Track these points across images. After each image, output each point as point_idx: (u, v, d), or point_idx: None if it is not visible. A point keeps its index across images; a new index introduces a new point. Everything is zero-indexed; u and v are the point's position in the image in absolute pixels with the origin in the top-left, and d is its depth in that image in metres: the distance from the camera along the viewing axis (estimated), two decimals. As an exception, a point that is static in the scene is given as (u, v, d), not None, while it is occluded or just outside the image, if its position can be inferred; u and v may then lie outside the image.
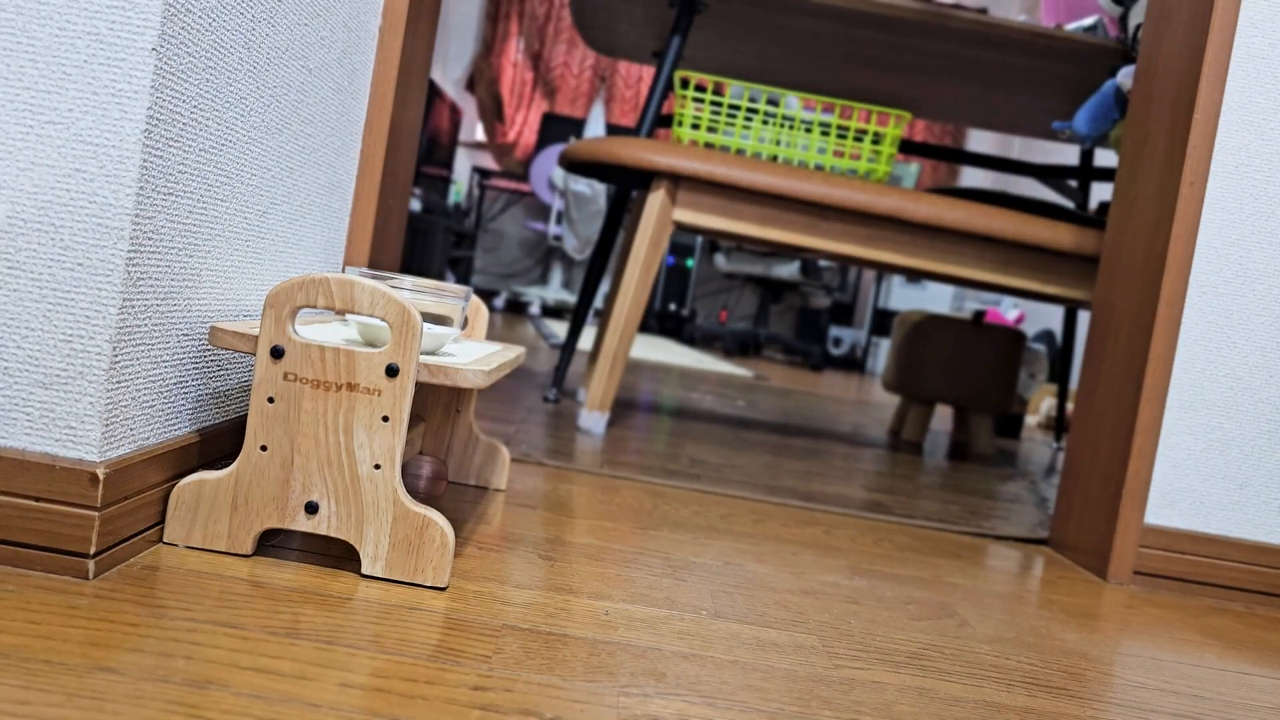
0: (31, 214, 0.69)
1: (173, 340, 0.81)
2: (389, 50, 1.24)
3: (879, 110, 1.81)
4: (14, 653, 0.58)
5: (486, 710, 0.61)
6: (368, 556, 0.81)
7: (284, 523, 0.80)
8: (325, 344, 0.80)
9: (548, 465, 1.37)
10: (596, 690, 0.66)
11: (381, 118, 1.25)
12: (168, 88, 0.73)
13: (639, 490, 1.32)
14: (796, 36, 2.03)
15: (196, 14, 0.75)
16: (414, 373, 0.80)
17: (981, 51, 1.94)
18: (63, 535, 0.70)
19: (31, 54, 0.69)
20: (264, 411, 0.80)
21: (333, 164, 1.15)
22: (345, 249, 1.25)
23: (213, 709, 0.55)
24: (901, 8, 1.78)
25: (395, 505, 0.80)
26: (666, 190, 1.62)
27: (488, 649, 0.70)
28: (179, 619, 0.66)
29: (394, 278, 0.90)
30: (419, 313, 0.80)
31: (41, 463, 0.70)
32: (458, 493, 1.13)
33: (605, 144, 1.66)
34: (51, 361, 0.70)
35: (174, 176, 0.76)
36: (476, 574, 0.86)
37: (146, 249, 0.74)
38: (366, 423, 0.80)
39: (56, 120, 0.69)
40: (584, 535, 1.05)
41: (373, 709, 0.58)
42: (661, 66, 1.91)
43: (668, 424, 2.02)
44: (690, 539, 1.11)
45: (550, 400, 1.99)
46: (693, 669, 0.73)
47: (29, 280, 0.70)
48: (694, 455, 1.66)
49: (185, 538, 0.80)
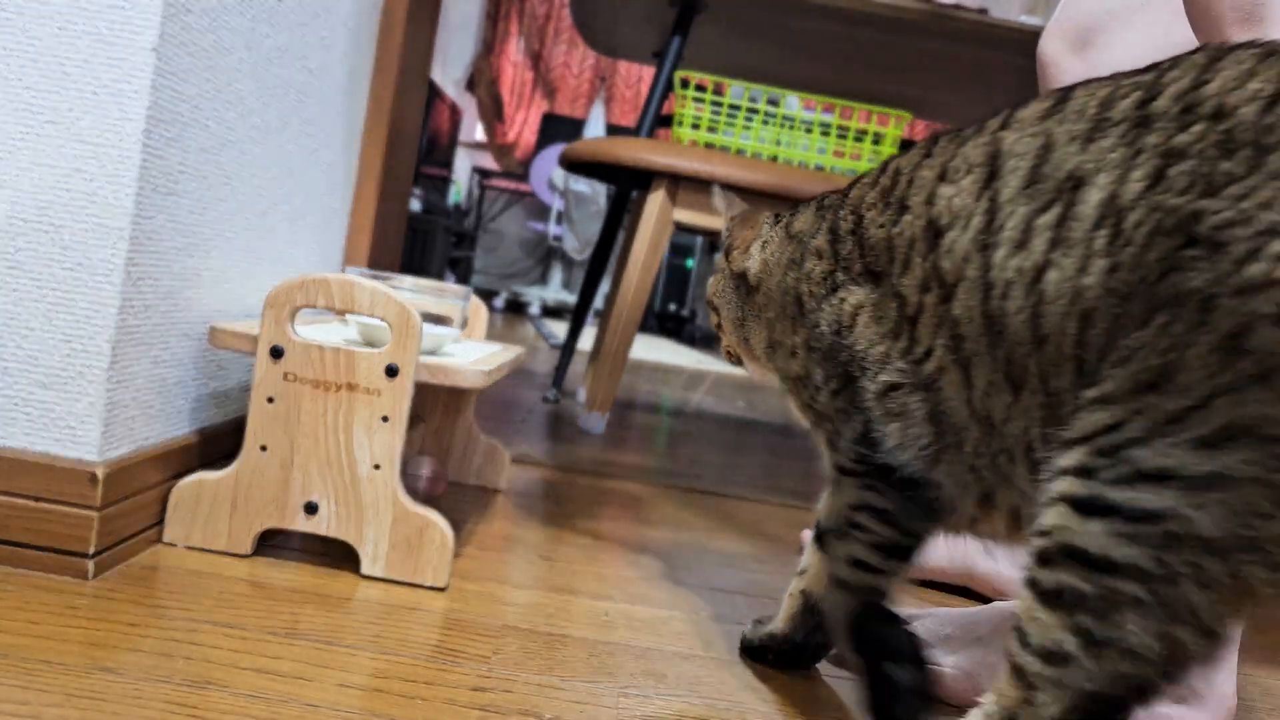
0: (31, 214, 0.69)
1: (172, 340, 0.81)
2: (389, 50, 1.24)
3: (879, 110, 1.81)
4: (13, 652, 0.58)
5: (486, 711, 0.61)
6: (367, 557, 0.81)
7: (283, 523, 0.80)
8: (325, 344, 0.80)
9: (547, 465, 1.37)
10: (596, 691, 0.66)
11: (381, 118, 1.25)
12: (168, 87, 0.73)
13: (639, 491, 1.32)
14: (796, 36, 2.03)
15: (196, 14, 0.75)
16: (413, 373, 0.80)
17: (981, 51, 1.94)
18: (62, 535, 0.70)
19: (32, 54, 0.69)
20: (264, 411, 0.80)
21: (332, 164, 1.15)
22: (345, 249, 1.25)
23: (212, 709, 0.55)
24: (901, 8, 1.78)
25: (395, 505, 0.80)
26: (666, 190, 1.62)
27: (487, 649, 0.70)
28: (178, 619, 0.66)
29: (394, 278, 0.89)
30: (419, 313, 0.80)
31: (41, 463, 0.70)
32: (458, 493, 1.13)
33: (605, 144, 1.66)
34: (51, 361, 0.70)
35: (174, 176, 0.76)
36: (476, 574, 0.86)
37: (146, 249, 0.73)
38: (366, 423, 0.79)
39: (56, 120, 0.69)
40: (584, 536, 1.05)
41: (372, 709, 0.58)
42: (661, 66, 1.91)
43: (667, 424, 2.02)
44: (690, 540, 1.11)
45: (550, 401, 1.99)
46: (693, 670, 0.73)
47: (29, 280, 0.70)
48: (694, 455, 1.66)
49: (185, 538, 0.80)
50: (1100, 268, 0.46)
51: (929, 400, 0.57)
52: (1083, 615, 0.44)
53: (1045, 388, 0.49)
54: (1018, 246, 0.50)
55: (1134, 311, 0.44)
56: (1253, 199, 0.41)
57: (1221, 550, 0.41)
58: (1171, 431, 0.42)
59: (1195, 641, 0.42)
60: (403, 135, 1.35)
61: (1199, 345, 0.41)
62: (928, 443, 0.58)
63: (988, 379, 0.52)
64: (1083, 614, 0.44)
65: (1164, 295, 0.43)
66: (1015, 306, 0.50)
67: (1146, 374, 0.43)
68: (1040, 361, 0.49)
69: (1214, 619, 0.42)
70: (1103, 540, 0.43)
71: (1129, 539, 0.42)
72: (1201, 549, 0.41)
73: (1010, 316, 0.50)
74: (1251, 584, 0.41)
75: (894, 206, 0.60)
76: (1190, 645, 0.42)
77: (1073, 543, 0.44)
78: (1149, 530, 0.42)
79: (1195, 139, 0.44)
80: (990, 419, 0.53)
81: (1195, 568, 0.41)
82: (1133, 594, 0.42)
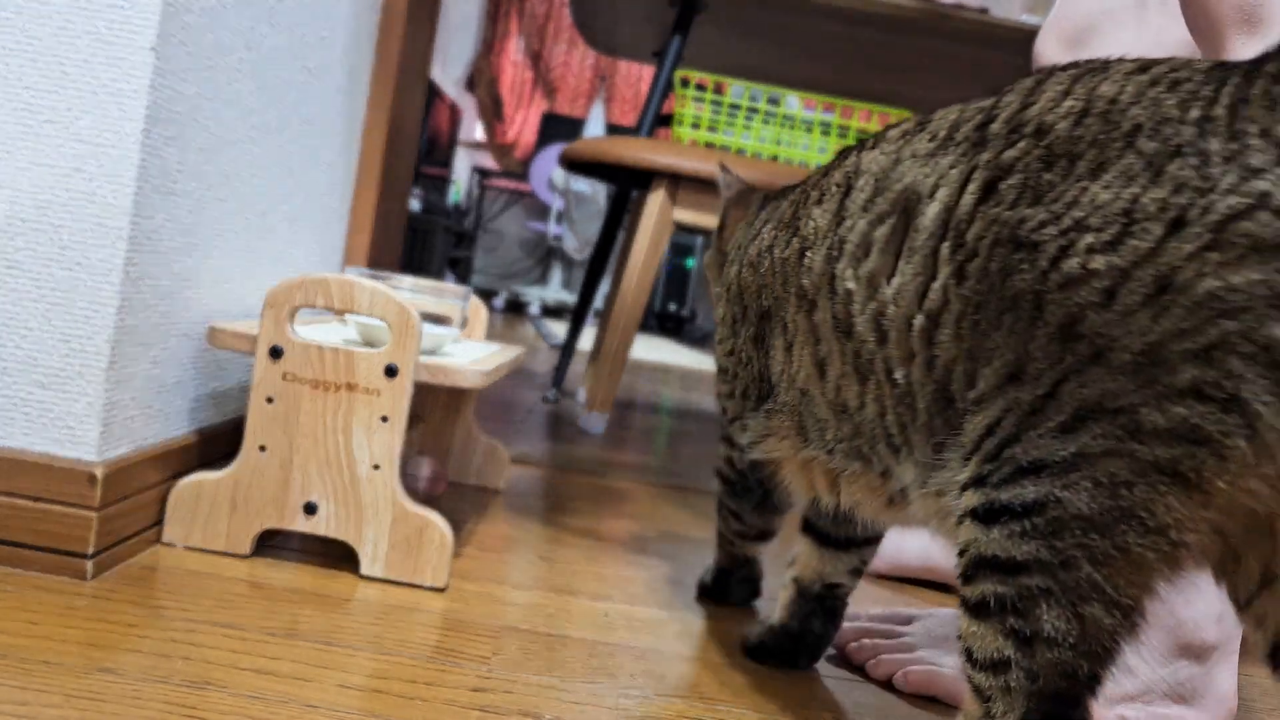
0: (30, 213, 0.69)
1: (172, 340, 0.81)
2: (389, 50, 1.24)
3: (879, 109, 1.80)
4: (12, 653, 0.58)
5: (485, 711, 0.61)
6: (367, 557, 0.80)
7: (283, 523, 0.80)
8: (324, 344, 0.79)
9: (547, 465, 1.37)
10: (596, 691, 0.66)
11: (381, 118, 1.25)
12: (167, 87, 0.72)
13: (639, 491, 1.32)
14: (796, 36, 2.02)
15: (195, 13, 0.75)
16: (413, 373, 0.80)
17: (982, 51, 1.93)
18: (61, 535, 0.70)
19: (31, 53, 0.69)
20: (263, 411, 0.80)
21: (332, 163, 1.14)
22: (344, 249, 1.25)
23: (211, 710, 0.55)
24: (902, 8, 1.78)
25: (394, 506, 0.80)
26: (666, 190, 1.62)
27: (487, 650, 0.70)
28: (177, 619, 0.66)
29: (393, 278, 0.89)
30: (418, 313, 0.80)
31: (40, 463, 0.70)
32: (457, 493, 1.13)
33: (605, 144, 1.66)
34: (50, 361, 0.70)
35: (173, 176, 0.76)
36: (476, 574, 0.86)
37: (145, 249, 0.73)
38: (365, 423, 0.79)
39: (55, 119, 0.69)
40: (583, 536, 1.05)
41: (371, 710, 0.58)
42: (662, 66, 1.91)
43: (668, 424, 2.02)
44: (690, 540, 1.11)
45: (550, 401, 1.99)
46: (693, 670, 0.73)
47: (28, 280, 0.70)
48: (694, 456, 1.66)
49: (184, 538, 0.80)
50: (945, 273, 0.50)
51: (799, 407, 0.64)
52: (1010, 618, 0.45)
53: (890, 378, 0.54)
54: (855, 258, 0.56)
55: (990, 317, 0.47)
56: (1061, 200, 0.45)
57: (1101, 526, 0.43)
58: (1035, 423, 0.45)
59: (1108, 617, 0.43)
60: (402, 135, 1.35)
61: (1039, 338, 0.45)
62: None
63: (840, 372, 0.58)
64: (1010, 617, 0.45)
65: (1008, 298, 0.46)
66: (859, 309, 0.56)
67: (1005, 368, 0.46)
68: (885, 357, 0.54)
69: (1118, 592, 0.43)
70: (1004, 543, 0.46)
71: (1023, 535, 0.45)
72: (1084, 528, 0.43)
73: (856, 319, 0.56)
74: (1136, 553, 0.43)
75: (788, 229, 0.66)
76: (1105, 621, 0.44)
77: (982, 553, 0.47)
78: (1036, 522, 0.44)
79: (1020, 154, 0.48)
80: (845, 407, 0.59)
81: (1084, 548, 0.43)
82: (1041, 585, 0.44)
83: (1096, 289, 0.43)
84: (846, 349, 0.57)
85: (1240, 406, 0.39)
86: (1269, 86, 0.41)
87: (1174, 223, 0.41)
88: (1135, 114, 0.44)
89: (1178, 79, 0.44)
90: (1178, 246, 0.40)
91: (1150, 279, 0.41)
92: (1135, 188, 0.43)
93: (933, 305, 0.51)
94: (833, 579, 0.74)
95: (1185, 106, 0.43)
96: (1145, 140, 0.43)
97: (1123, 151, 0.44)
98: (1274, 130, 0.40)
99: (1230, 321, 0.39)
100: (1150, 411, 0.41)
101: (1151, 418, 0.41)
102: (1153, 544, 0.42)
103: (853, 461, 0.60)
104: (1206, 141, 0.41)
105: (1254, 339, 0.39)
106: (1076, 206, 0.44)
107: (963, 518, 0.48)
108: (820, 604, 0.75)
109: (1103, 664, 0.44)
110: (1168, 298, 0.41)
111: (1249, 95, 0.41)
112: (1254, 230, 0.39)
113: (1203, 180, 0.41)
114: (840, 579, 0.74)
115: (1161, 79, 0.45)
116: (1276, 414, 0.39)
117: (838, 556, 0.74)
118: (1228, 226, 0.39)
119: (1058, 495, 0.43)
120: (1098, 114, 0.46)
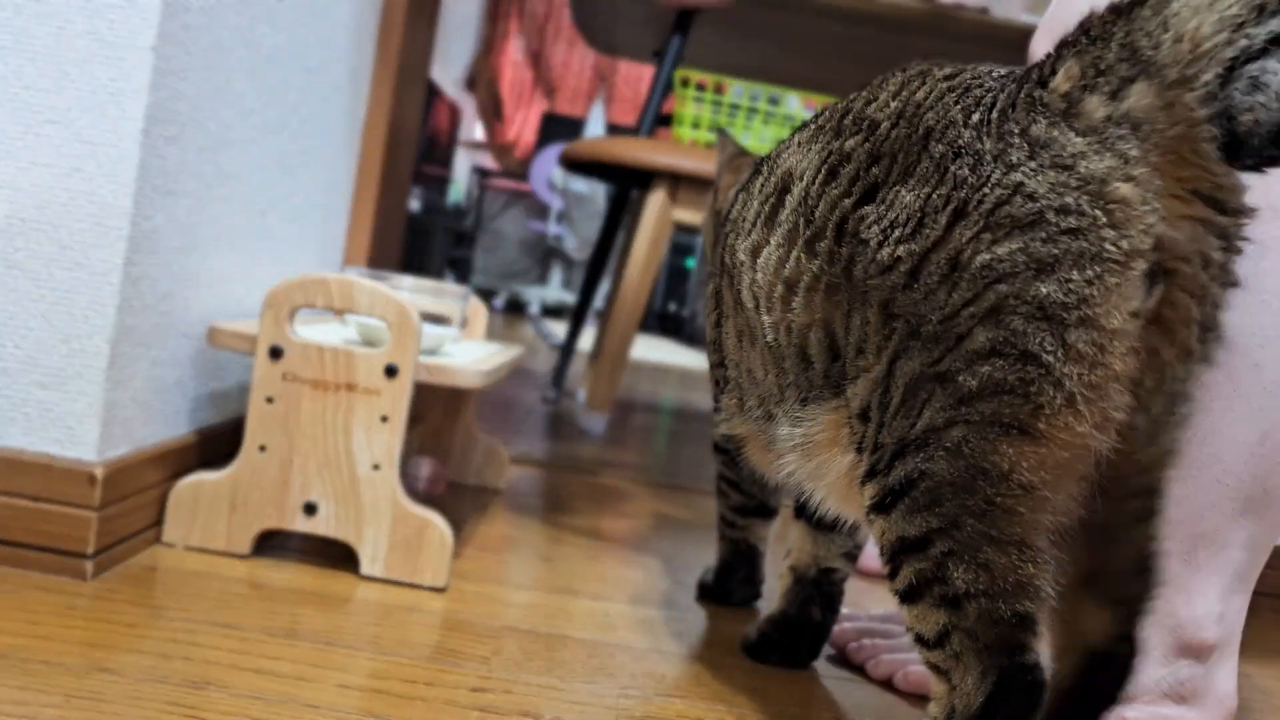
0: (30, 213, 0.69)
1: (171, 340, 0.81)
2: (389, 50, 1.24)
3: (879, 110, 1.80)
4: (12, 653, 0.58)
5: (485, 711, 0.61)
6: (367, 557, 0.80)
7: (282, 523, 0.80)
8: (324, 344, 0.79)
9: (547, 465, 1.37)
10: (596, 691, 0.66)
11: (381, 117, 1.25)
12: (166, 87, 0.72)
13: (639, 491, 1.32)
14: (796, 36, 2.02)
15: (195, 13, 0.75)
16: (413, 373, 0.80)
17: (982, 51, 1.93)
18: (61, 535, 0.70)
19: (31, 53, 0.69)
20: (263, 412, 0.80)
21: (332, 163, 1.14)
22: (344, 249, 1.25)
23: (211, 710, 0.55)
24: (902, 8, 1.78)
25: (394, 506, 0.80)
26: (666, 190, 1.62)
27: (487, 650, 0.70)
28: (177, 620, 0.66)
29: (393, 278, 0.89)
30: (418, 313, 0.80)
31: (40, 463, 0.70)
32: (458, 493, 1.13)
33: (605, 143, 1.66)
34: (50, 361, 0.70)
35: (172, 176, 0.76)
36: (476, 575, 0.86)
37: (145, 249, 0.73)
38: (365, 423, 0.79)
39: (55, 119, 0.69)
40: (583, 536, 1.05)
41: (371, 710, 0.58)
42: (661, 66, 1.91)
43: (667, 424, 2.02)
44: (690, 539, 1.11)
45: (550, 401, 1.99)
46: (693, 670, 0.73)
47: (27, 280, 0.70)
48: (694, 456, 1.66)
49: (184, 538, 0.80)
50: (800, 245, 0.56)
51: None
52: (935, 587, 0.49)
53: (765, 341, 0.60)
54: (747, 234, 0.63)
55: (843, 300, 0.53)
56: (885, 203, 0.51)
57: (965, 485, 0.47)
58: (887, 405, 0.50)
59: (1004, 556, 0.47)
60: (402, 134, 1.35)
61: (871, 322, 0.51)
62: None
63: (745, 342, 0.65)
64: (935, 586, 0.49)
65: (855, 286, 0.52)
66: (745, 281, 0.62)
67: (852, 349, 0.53)
68: (759, 323, 0.61)
69: (1004, 534, 0.47)
70: (902, 524, 0.50)
71: (912, 510, 0.49)
72: (953, 491, 0.48)
73: (743, 290, 0.63)
74: (999, 500, 0.47)
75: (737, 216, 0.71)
76: (1002, 560, 0.47)
77: (891, 539, 0.51)
78: (917, 496, 0.49)
79: (855, 146, 0.55)
80: (754, 376, 0.64)
81: (963, 507, 0.47)
82: (944, 549, 0.48)
83: (902, 272, 0.49)
84: (741, 319, 0.64)
85: (1033, 359, 0.45)
86: (1031, 91, 0.47)
87: (956, 212, 0.48)
88: (929, 119, 0.51)
89: (970, 86, 0.51)
90: (961, 232, 0.47)
91: (944, 260, 0.48)
92: (928, 187, 0.49)
93: (789, 274, 0.57)
94: (827, 563, 0.75)
95: (969, 112, 0.50)
96: (934, 143, 0.50)
97: (919, 156, 0.51)
98: (1030, 130, 0.46)
99: (1003, 285, 0.45)
100: (966, 377, 0.47)
101: (968, 382, 0.47)
102: (1008, 490, 0.46)
103: (766, 428, 0.64)
104: (981, 143, 0.48)
105: (1025, 298, 0.45)
106: (892, 208, 0.51)
107: (869, 513, 0.52)
108: (817, 589, 0.75)
109: (1019, 600, 0.47)
110: (956, 274, 0.47)
111: (1016, 100, 0.48)
112: (1012, 212, 0.46)
113: (976, 177, 0.47)
114: (835, 563, 0.75)
115: (959, 86, 0.52)
116: (1063, 359, 0.44)
117: (830, 539, 0.74)
118: (995, 211, 0.46)
119: (923, 468, 0.48)
120: (907, 117, 0.53)
